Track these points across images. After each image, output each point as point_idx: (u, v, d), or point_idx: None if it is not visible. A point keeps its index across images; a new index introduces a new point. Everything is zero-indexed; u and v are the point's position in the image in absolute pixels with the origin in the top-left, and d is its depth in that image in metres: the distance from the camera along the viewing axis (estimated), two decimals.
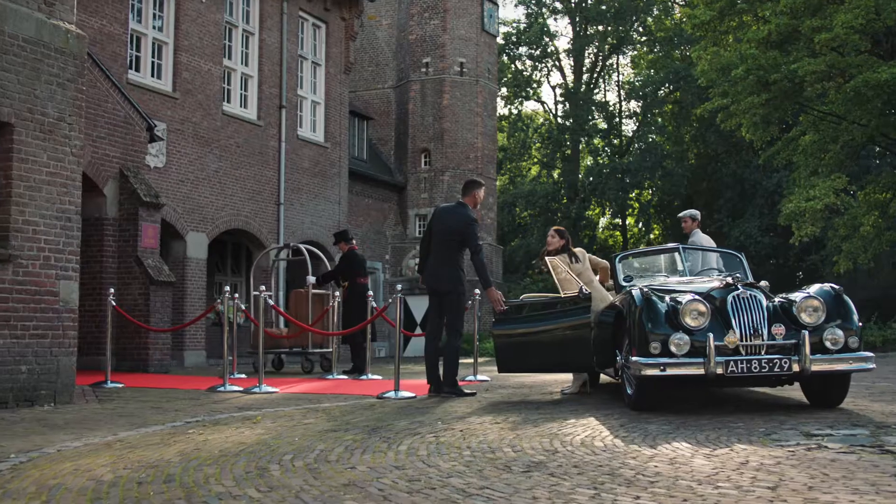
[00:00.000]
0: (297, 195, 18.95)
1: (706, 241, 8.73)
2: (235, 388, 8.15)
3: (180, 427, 5.55)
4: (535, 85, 40.61)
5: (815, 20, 18.59)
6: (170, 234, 15.79)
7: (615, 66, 41.34)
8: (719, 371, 5.48)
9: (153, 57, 15.55)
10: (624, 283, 6.92)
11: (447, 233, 7.46)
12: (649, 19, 38.21)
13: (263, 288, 8.30)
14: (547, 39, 39.30)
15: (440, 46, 26.06)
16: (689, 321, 5.60)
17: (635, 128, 39.55)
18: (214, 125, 16.58)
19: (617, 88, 41.42)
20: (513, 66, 39.84)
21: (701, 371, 5.50)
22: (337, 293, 10.31)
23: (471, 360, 11.44)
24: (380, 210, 25.32)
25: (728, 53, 20.76)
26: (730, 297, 5.73)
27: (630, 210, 38.28)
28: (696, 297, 5.71)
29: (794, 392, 6.70)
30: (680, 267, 7.18)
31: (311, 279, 11.51)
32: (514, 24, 40.59)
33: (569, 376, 8.49)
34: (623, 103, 39.94)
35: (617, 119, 39.21)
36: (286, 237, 18.18)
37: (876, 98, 18.21)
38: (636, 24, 38.62)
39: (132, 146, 11.82)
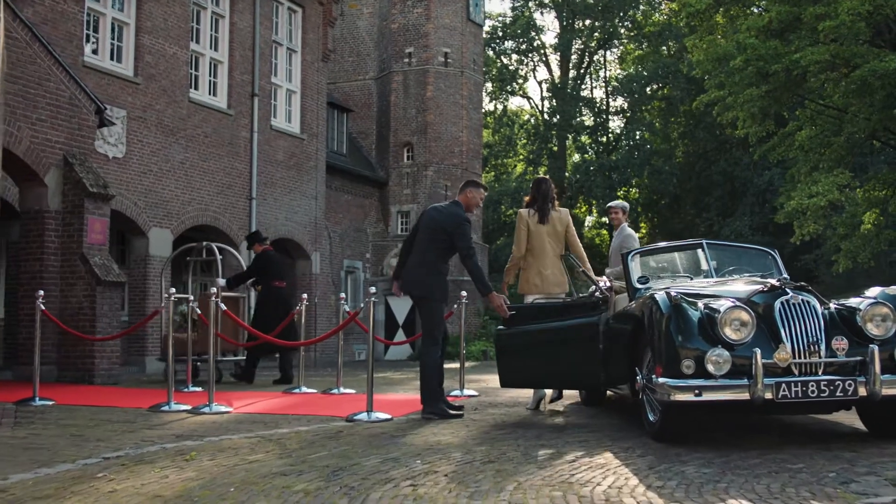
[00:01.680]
0: (270, 189, 17.75)
1: (634, 236, 7.74)
2: (182, 406, 6.99)
3: (92, 467, 4.40)
4: (520, 80, 39.59)
5: (818, 7, 17.64)
6: (131, 231, 14.60)
7: (602, 62, 40.41)
8: (768, 395, 4.41)
9: (113, 38, 14.32)
10: (639, 286, 5.80)
11: (435, 231, 6.39)
12: (638, 14, 37.29)
13: (215, 290, 7.15)
14: (533, 33, 38.29)
15: (424, 36, 24.88)
16: (730, 333, 4.52)
17: (623, 124, 38.59)
18: (180, 113, 15.36)
19: (604, 84, 40.46)
20: (498, 60, 38.76)
21: (745, 395, 4.42)
22: (304, 295, 9.17)
23: (456, 365, 10.36)
24: (360, 206, 24.13)
25: (725, 42, 19.76)
26: (777, 304, 4.65)
27: None
28: (737, 303, 4.63)
29: (846, 417, 5.63)
30: (704, 266, 6.08)
31: (221, 282, 10.26)
32: (500, 18, 39.57)
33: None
34: (610, 100, 38.99)
35: (604, 116, 38.24)
36: None
37: (881, 89, 17.31)
38: (624, 20, 37.68)
39: (78, 131, 10.57)
